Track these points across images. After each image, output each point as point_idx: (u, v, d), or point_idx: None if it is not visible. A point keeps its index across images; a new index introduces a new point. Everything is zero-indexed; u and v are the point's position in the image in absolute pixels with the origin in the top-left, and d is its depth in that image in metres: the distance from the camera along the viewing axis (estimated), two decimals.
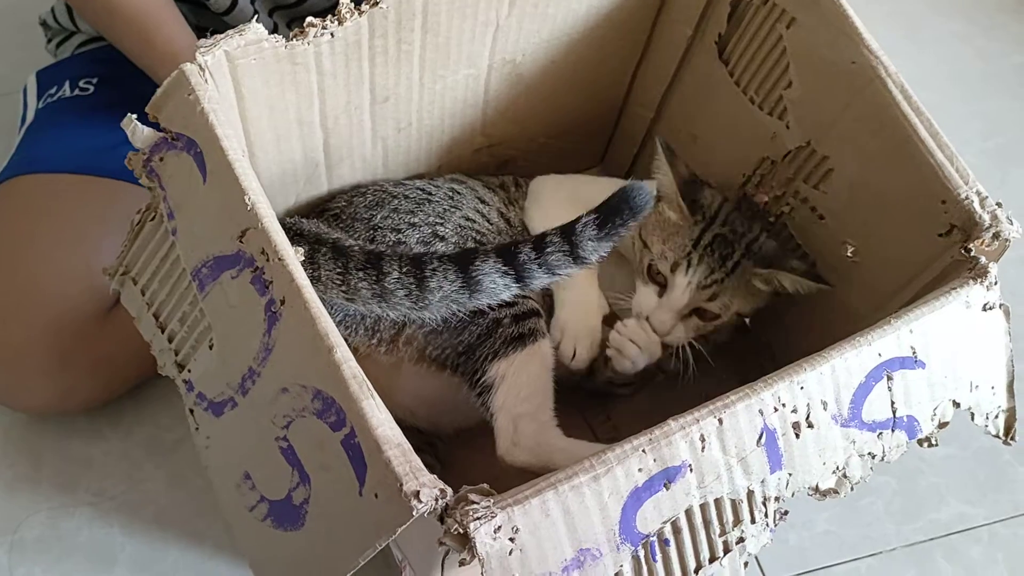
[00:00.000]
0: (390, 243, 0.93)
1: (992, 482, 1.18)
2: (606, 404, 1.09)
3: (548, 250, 0.84)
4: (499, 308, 0.90)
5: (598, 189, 1.00)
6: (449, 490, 0.64)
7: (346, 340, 0.87)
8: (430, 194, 1.00)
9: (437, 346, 0.90)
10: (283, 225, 0.85)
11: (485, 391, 0.88)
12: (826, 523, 1.13)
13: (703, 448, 0.69)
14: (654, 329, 0.96)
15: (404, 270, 0.84)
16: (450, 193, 1.01)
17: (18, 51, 1.41)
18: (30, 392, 1.09)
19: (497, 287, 0.84)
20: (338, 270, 0.85)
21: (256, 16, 1.17)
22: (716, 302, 0.95)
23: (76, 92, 1.21)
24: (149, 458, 1.14)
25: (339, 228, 0.95)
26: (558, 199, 1.04)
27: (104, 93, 1.21)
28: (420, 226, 0.95)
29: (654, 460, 0.67)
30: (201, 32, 1.17)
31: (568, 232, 0.84)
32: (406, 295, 0.83)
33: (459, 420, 1.00)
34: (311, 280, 0.71)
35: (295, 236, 0.88)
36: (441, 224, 0.95)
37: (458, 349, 0.90)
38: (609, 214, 0.84)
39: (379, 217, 0.96)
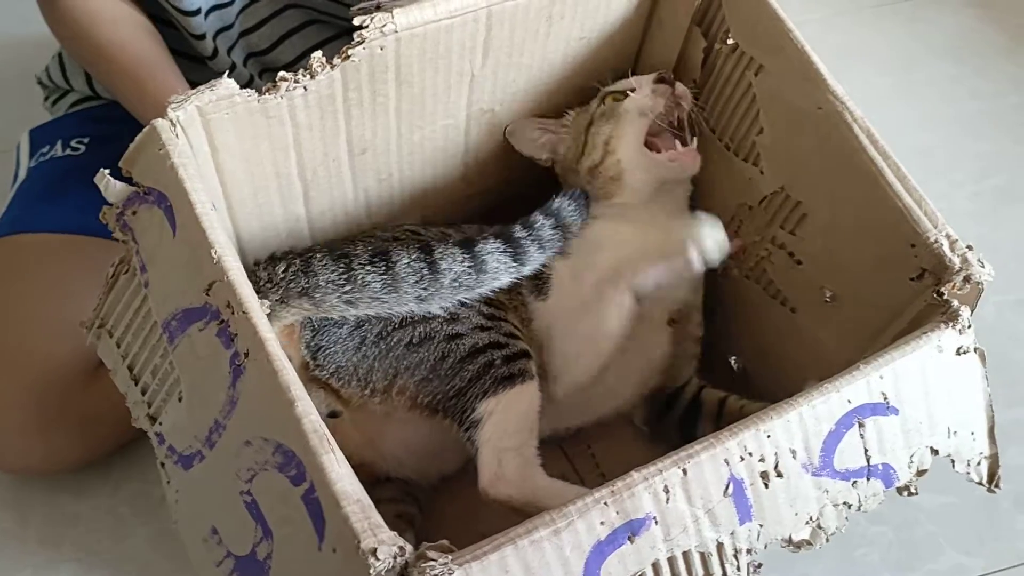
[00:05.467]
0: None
1: (991, 531, 1.15)
2: (587, 436, 1.08)
3: (537, 226, 0.95)
4: (491, 350, 0.91)
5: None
6: (409, 547, 0.63)
7: (339, 392, 0.90)
8: (419, 234, 1.01)
9: (428, 392, 0.91)
10: (272, 254, 0.91)
11: (473, 426, 0.89)
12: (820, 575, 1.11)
13: (668, 499, 0.68)
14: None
15: (414, 256, 0.88)
16: (439, 235, 1.02)
17: (16, 109, 1.43)
18: (15, 453, 1.08)
19: (500, 266, 0.90)
20: (340, 270, 0.87)
21: (233, 67, 1.18)
22: None
23: (68, 152, 1.22)
24: (135, 514, 1.13)
25: None
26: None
27: (95, 153, 1.22)
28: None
29: (616, 512, 0.66)
30: (193, 87, 1.18)
31: (549, 211, 0.97)
32: (417, 281, 0.87)
33: (445, 465, 1.01)
34: (305, 292, 0.75)
35: (285, 255, 0.91)
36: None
37: (449, 394, 0.90)
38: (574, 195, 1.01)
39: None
